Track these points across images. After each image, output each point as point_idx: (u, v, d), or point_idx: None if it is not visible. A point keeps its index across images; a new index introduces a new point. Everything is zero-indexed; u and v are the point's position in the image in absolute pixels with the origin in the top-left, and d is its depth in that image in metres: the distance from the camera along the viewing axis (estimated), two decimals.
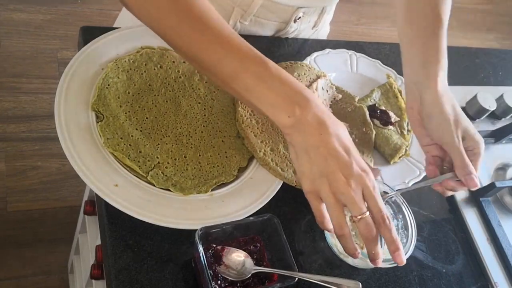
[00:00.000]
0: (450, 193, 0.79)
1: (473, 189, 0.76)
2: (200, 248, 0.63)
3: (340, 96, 0.91)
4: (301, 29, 1.01)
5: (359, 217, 0.62)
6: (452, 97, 0.80)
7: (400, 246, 0.64)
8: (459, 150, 0.75)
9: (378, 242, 0.64)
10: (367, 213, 0.62)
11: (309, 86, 0.88)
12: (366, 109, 0.91)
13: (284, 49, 0.98)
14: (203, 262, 0.63)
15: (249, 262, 0.68)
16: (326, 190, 0.62)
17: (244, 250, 0.69)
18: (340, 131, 0.64)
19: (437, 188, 0.78)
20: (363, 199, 0.62)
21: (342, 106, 0.90)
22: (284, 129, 0.64)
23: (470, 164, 0.75)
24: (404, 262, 0.65)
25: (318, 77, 0.90)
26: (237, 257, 0.68)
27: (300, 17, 0.96)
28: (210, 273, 0.64)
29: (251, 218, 0.71)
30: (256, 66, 0.64)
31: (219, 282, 0.66)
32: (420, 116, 0.80)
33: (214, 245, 0.68)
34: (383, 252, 0.64)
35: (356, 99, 0.91)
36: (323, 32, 1.11)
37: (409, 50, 0.82)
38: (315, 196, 0.64)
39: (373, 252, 0.64)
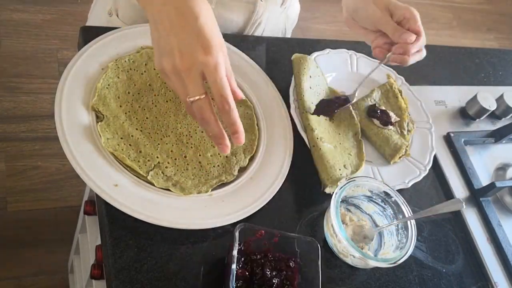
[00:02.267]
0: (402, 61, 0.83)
1: (411, 41, 0.81)
2: (236, 245, 0.64)
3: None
4: (270, 9, 0.99)
5: (190, 99, 0.60)
6: None
7: (240, 128, 0.62)
8: (388, 22, 0.81)
9: (214, 124, 0.62)
10: (203, 96, 0.60)
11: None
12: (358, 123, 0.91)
13: (284, 49, 0.98)
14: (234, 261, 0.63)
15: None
16: (169, 68, 0.60)
17: (277, 267, 0.69)
18: (192, 2, 0.59)
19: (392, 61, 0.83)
20: (201, 79, 0.59)
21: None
22: (140, 5, 0.62)
23: (401, 28, 0.81)
24: (243, 141, 0.63)
25: None
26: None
27: None
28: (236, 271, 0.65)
29: (294, 234, 0.71)
30: None
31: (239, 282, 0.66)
32: (354, 19, 0.86)
33: (256, 253, 0.69)
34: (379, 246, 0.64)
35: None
36: (292, 10, 1.09)
37: None
38: (164, 74, 0.61)
39: (210, 134, 0.63)
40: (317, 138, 0.83)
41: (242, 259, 0.68)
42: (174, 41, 0.58)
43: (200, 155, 0.77)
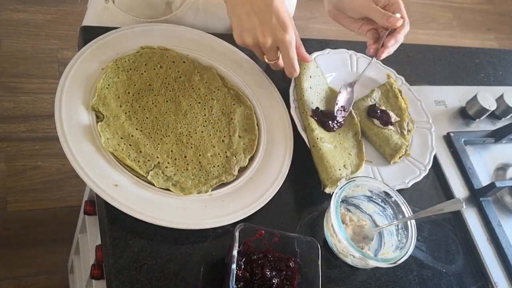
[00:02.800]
0: (386, 52, 0.87)
1: (397, 25, 0.85)
2: (236, 245, 0.64)
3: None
4: None
5: (268, 62, 0.80)
6: None
7: (298, 72, 0.80)
8: (374, 8, 0.85)
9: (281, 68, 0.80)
10: (277, 59, 0.79)
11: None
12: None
13: None
14: (234, 262, 0.63)
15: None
16: (250, 43, 0.76)
17: (277, 267, 0.69)
18: None
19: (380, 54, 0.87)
20: (277, 50, 0.77)
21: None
22: None
23: (387, 12, 0.85)
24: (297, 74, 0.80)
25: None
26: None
27: None
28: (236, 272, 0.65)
29: (294, 234, 0.71)
30: None
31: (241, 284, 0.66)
32: (340, 11, 0.91)
33: (256, 253, 0.69)
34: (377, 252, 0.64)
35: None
36: (289, 3, 1.07)
37: None
38: (244, 45, 0.78)
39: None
40: (317, 138, 0.83)
41: (243, 259, 0.68)
42: (256, 21, 0.73)
43: (200, 155, 0.77)
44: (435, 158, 0.92)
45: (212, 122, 0.80)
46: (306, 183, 0.82)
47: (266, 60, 0.79)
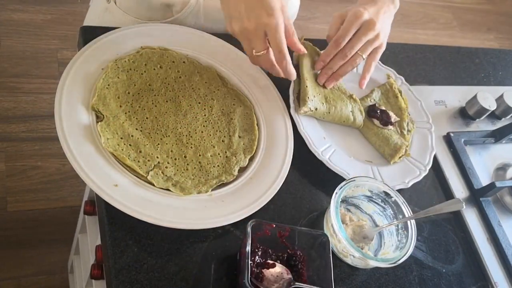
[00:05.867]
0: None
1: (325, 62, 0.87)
2: (249, 241, 0.64)
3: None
4: None
5: (257, 54, 0.76)
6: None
7: (293, 71, 0.80)
8: (331, 27, 0.87)
9: (274, 68, 0.79)
10: (266, 50, 0.75)
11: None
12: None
13: None
14: (247, 258, 0.63)
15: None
16: (236, 30, 0.75)
17: (287, 261, 0.70)
18: None
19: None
20: (264, 37, 0.74)
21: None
22: None
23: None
24: (294, 78, 0.82)
25: None
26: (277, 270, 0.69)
27: None
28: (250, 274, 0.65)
29: (305, 228, 0.71)
30: None
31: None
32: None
33: (266, 248, 0.69)
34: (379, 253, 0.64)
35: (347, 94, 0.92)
36: (290, 6, 1.05)
37: None
38: (234, 35, 0.76)
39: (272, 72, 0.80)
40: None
41: (254, 254, 0.68)
42: (242, 7, 0.72)
43: (200, 155, 0.77)
44: (435, 158, 0.93)
45: (212, 122, 0.80)
46: (306, 183, 0.82)
47: (254, 53, 0.76)
